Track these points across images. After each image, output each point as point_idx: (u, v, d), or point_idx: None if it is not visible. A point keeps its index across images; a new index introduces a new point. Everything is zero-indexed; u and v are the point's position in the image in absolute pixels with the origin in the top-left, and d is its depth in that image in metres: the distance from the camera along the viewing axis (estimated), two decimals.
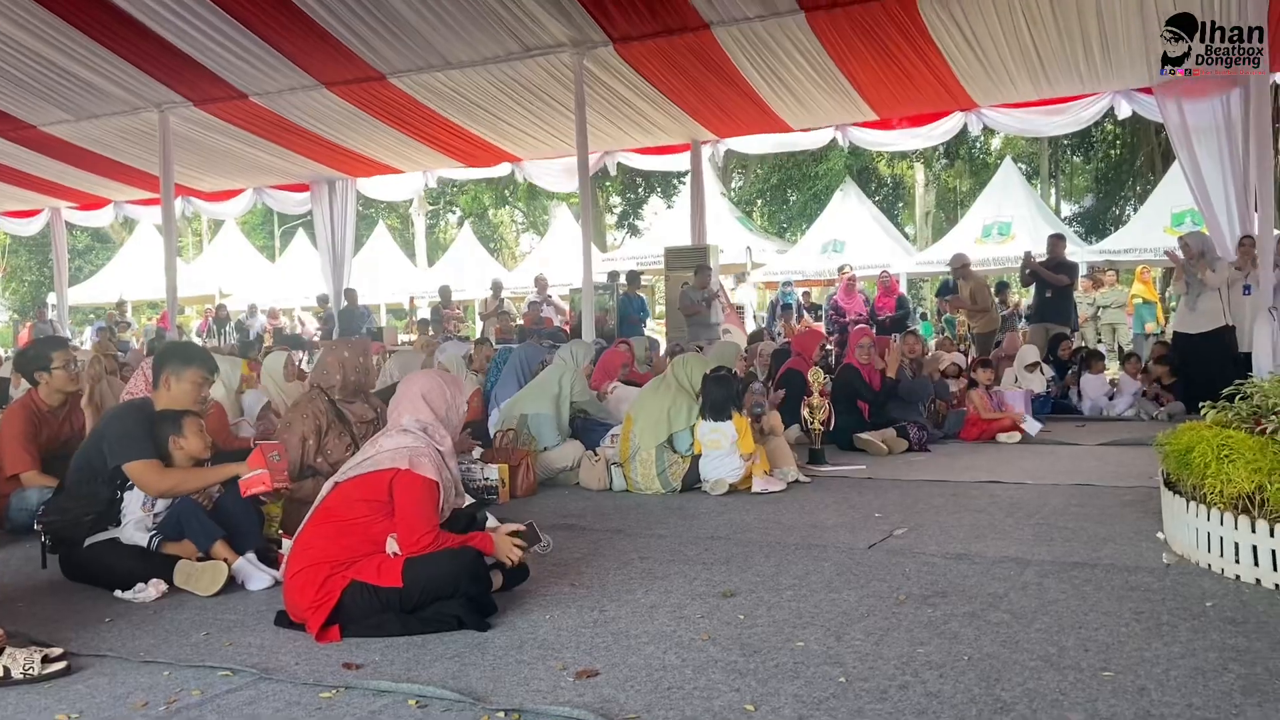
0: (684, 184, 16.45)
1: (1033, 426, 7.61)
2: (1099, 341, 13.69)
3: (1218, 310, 8.36)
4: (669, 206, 30.01)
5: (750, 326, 15.85)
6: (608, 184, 29.35)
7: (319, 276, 15.91)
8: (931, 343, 12.29)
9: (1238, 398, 3.87)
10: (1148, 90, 9.90)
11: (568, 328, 13.69)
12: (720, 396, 5.57)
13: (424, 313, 19.10)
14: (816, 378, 6.71)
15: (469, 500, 3.89)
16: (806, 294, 20.34)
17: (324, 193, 14.54)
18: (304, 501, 3.66)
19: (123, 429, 3.75)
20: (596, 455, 5.92)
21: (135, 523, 3.72)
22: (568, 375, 6.27)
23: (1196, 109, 9.33)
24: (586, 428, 6.30)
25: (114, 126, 11.99)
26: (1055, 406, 9.17)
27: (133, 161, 13.23)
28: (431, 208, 35.37)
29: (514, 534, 3.33)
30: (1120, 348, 13.04)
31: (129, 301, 22.07)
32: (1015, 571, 3.53)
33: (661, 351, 9.82)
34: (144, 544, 3.69)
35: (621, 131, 12.07)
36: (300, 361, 8.77)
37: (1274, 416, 3.50)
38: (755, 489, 5.45)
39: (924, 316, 19.49)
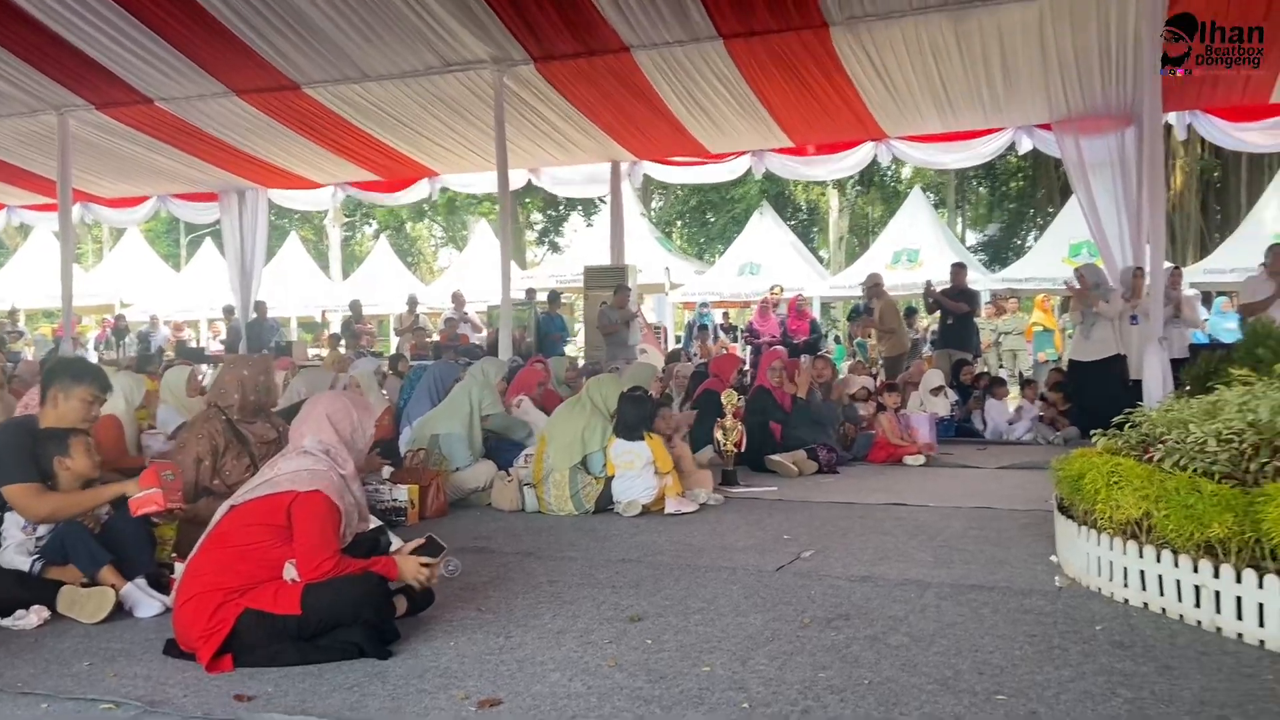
0: (605, 203, 16.54)
1: (934, 457, 7.79)
2: (1001, 367, 14.15)
3: (1110, 339, 8.71)
4: (589, 225, 30.10)
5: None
6: (528, 200, 29.29)
7: (227, 287, 15.45)
8: (844, 365, 12.55)
9: (1127, 426, 4.04)
10: (1047, 126, 10.31)
11: (484, 345, 13.57)
12: (634, 417, 5.59)
13: (337, 327, 18.70)
14: (730, 399, 6.79)
15: (374, 523, 3.80)
16: (726, 315, 20.61)
17: (233, 202, 14.14)
18: (200, 523, 3.53)
19: (0, 449, 3.56)
20: (509, 476, 5.86)
21: (15, 546, 3.53)
22: (476, 390, 6.21)
23: (1093, 146, 9.73)
24: (499, 447, 6.23)
25: (9, 129, 11.48)
26: (958, 430, 9.46)
27: (29, 165, 12.67)
28: (347, 219, 34.78)
29: (416, 550, 3.27)
30: (1020, 373, 13.49)
31: (21, 310, 21.07)
32: (916, 594, 3.61)
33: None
34: (25, 568, 3.50)
35: (541, 149, 12.05)
36: (203, 377, 8.50)
37: (1161, 445, 3.65)
38: (668, 510, 5.46)
39: (836, 340, 19.88)
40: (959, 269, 11.57)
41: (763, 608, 3.47)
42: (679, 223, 33.60)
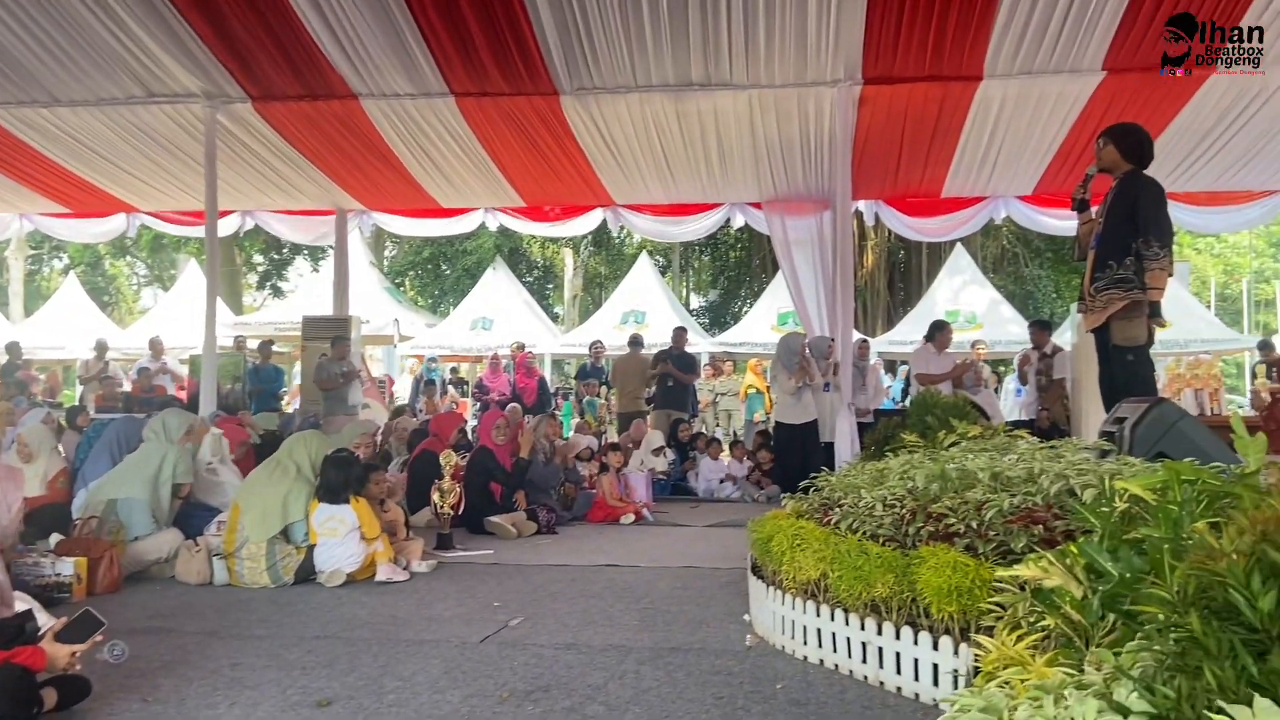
0: (333, 249, 15.85)
1: (648, 518, 8.02)
2: (717, 426, 14.92)
3: (811, 403, 9.45)
4: (315, 271, 28.77)
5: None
6: (248, 242, 27.57)
7: None
8: (572, 423, 12.71)
9: (812, 490, 4.36)
10: (758, 205, 11.14)
11: (184, 397, 12.51)
12: (338, 479, 5.34)
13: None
14: (449, 460, 6.66)
15: (22, 606, 3.33)
16: (455, 370, 20.34)
17: None
18: None
19: None
20: (197, 545, 5.37)
21: None
22: (171, 454, 5.67)
23: (797, 225, 10.64)
24: (187, 513, 5.71)
25: None
26: (674, 488, 9.84)
27: None
28: (33, 252, 31.11)
29: (67, 628, 2.91)
30: (735, 433, 14.30)
31: None
32: (617, 660, 3.65)
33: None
34: None
35: (260, 193, 11.41)
36: None
37: (838, 509, 3.96)
38: (379, 578, 5.24)
39: (565, 397, 20.17)
40: (680, 332, 12.14)
41: (462, 683, 3.38)
42: (411, 274, 32.91)
